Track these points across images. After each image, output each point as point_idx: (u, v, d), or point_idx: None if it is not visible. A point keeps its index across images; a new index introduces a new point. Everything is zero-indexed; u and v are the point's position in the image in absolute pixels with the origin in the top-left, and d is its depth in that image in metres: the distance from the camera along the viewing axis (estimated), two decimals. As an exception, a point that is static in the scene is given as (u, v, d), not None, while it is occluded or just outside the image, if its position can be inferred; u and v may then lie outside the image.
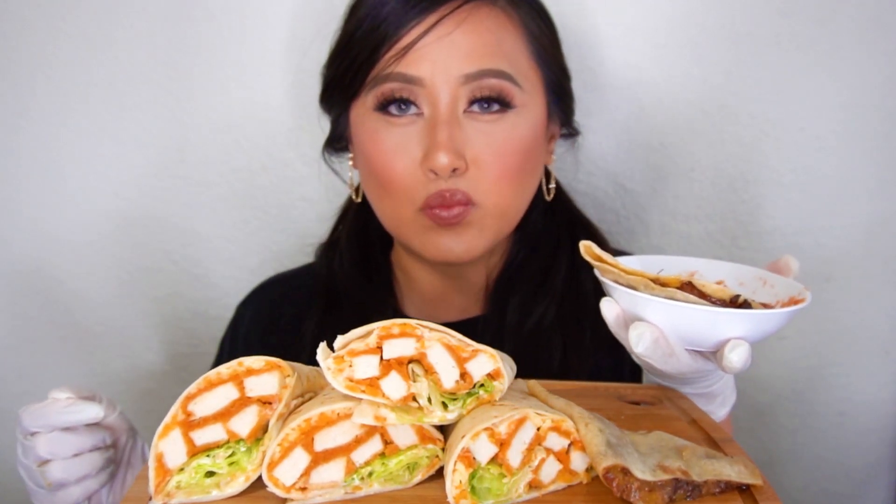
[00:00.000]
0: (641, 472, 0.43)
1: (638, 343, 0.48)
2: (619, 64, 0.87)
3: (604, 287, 0.52)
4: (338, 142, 0.75)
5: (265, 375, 0.44)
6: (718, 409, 0.60)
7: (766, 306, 0.52)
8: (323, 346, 0.44)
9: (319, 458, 0.44)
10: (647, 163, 0.90)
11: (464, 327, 0.74)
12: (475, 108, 0.64)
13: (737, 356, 0.47)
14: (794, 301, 0.51)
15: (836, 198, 0.89)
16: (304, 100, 0.89)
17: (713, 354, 0.50)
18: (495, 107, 0.64)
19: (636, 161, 0.91)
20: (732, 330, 0.47)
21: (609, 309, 0.51)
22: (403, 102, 0.63)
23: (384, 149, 0.64)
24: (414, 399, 0.44)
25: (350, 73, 0.65)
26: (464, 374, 0.45)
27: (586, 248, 0.51)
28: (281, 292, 0.80)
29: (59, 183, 0.92)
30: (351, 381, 0.43)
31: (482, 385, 0.46)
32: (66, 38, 0.87)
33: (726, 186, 0.90)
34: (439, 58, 0.62)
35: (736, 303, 0.49)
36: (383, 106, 0.64)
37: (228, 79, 0.89)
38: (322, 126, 0.92)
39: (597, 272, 0.53)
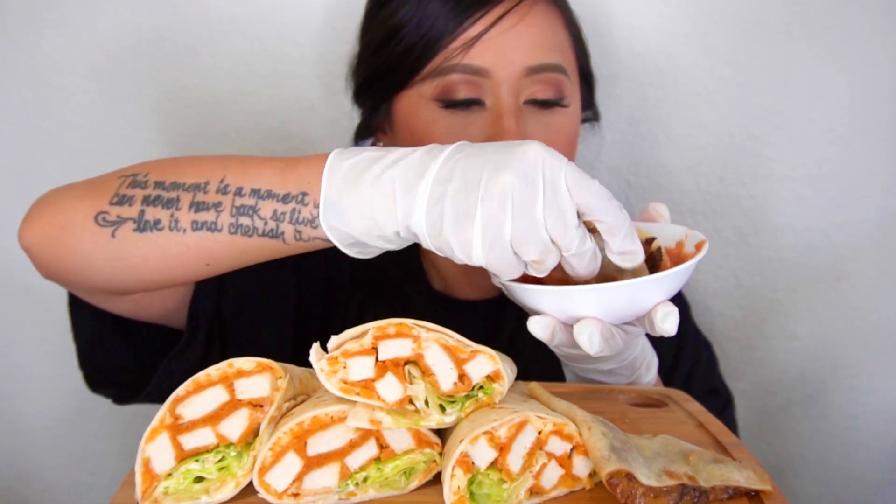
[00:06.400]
0: (646, 477, 0.42)
1: (592, 345, 0.47)
2: (623, 54, 0.86)
3: (519, 294, 0.50)
4: (365, 131, 0.76)
5: (256, 377, 0.43)
6: (645, 375, 0.60)
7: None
8: (316, 346, 0.43)
9: (312, 463, 0.43)
10: (653, 157, 0.89)
11: (486, 306, 0.76)
12: (534, 101, 0.66)
13: (671, 324, 0.47)
14: (681, 245, 0.53)
15: (848, 193, 0.87)
16: (297, 92, 0.88)
17: (639, 321, 0.50)
18: (552, 101, 0.66)
19: (641, 155, 0.89)
20: (655, 295, 0.48)
21: (542, 328, 0.49)
22: (468, 102, 0.65)
23: (444, 136, 0.66)
24: (410, 402, 0.43)
25: (405, 63, 0.66)
26: (462, 376, 0.44)
27: None
28: None
29: (41, 178, 0.90)
30: (345, 383, 0.42)
31: (481, 387, 0.45)
32: (50, 27, 0.86)
33: (735, 181, 0.88)
34: (504, 49, 0.64)
35: (650, 248, 0.51)
36: (445, 95, 0.65)
37: (218, 70, 0.87)
38: (320, 120, 0.90)
39: (507, 284, 0.51)
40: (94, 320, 0.64)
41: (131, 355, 0.66)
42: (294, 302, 0.72)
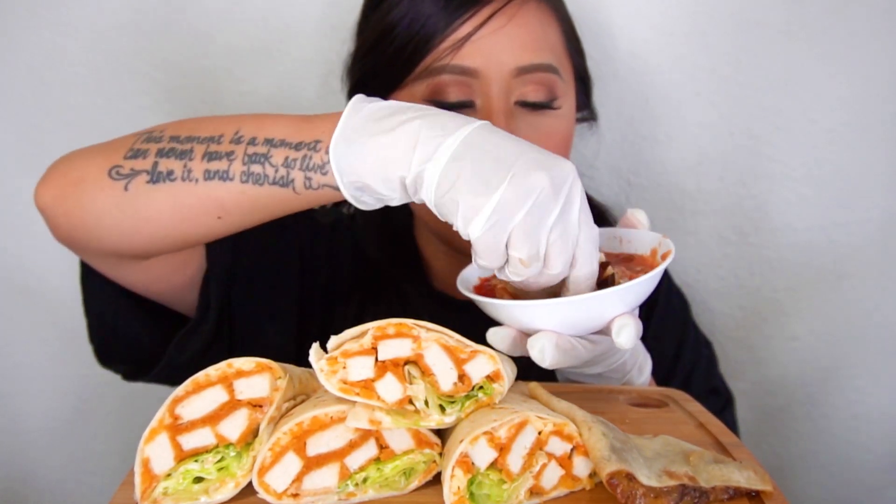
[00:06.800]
0: (647, 477, 0.41)
1: (544, 358, 0.48)
2: (623, 53, 0.85)
3: (482, 307, 0.51)
4: None
5: (255, 377, 0.43)
6: (637, 378, 0.60)
7: (628, 258, 0.54)
8: (315, 346, 0.43)
9: (312, 464, 0.43)
10: (653, 156, 0.89)
11: None
12: (524, 102, 0.66)
13: (625, 338, 0.48)
14: (655, 253, 0.54)
15: (849, 193, 0.87)
16: (296, 92, 0.88)
17: (607, 331, 0.51)
18: (544, 102, 0.66)
19: (641, 154, 0.89)
20: (615, 308, 0.48)
21: (500, 339, 0.50)
22: (458, 105, 0.65)
23: None
24: (410, 402, 0.43)
25: (396, 64, 0.66)
26: (462, 376, 0.44)
27: None
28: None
29: (39, 177, 0.90)
30: (345, 383, 0.42)
31: (481, 387, 0.45)
32: (46, 26, 0.86)
33: (735, 181, 0.88)
34: (493, 50, 0.64)
35: (604, 273, 0.51)
36: (436, 96, 0.65)
37: (217, 69, 0.87)
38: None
39: (472, 297, 0.52)
40: (106, 292, 0.64)
41: (143, 329, 0.66)
42: (297, 297, 0.72)
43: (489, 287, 0.56)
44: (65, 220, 0.54)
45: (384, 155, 0.47)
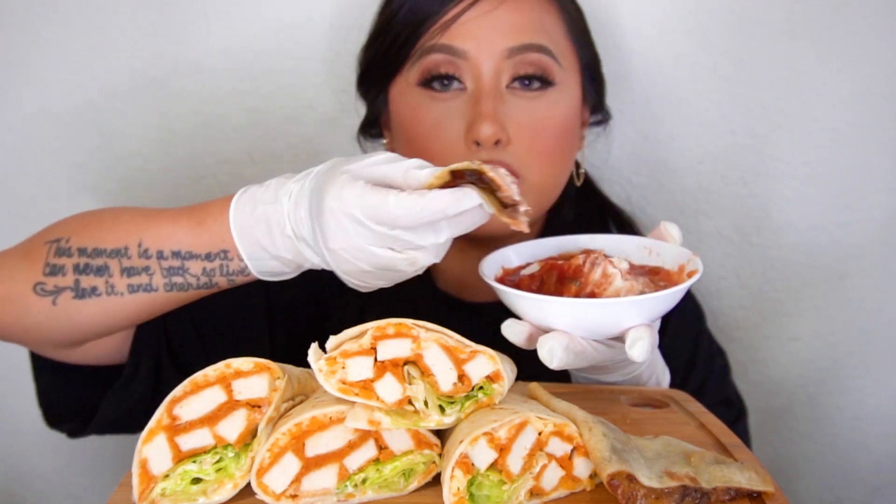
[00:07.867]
0: (648, 478, 0.41)
1: (552, 359, 0.48)
2: (624, 52, 0.85)
3: (501, 295, 0.51)
4: (372, 127, 0.76)
5: (254, 378, 0.43)
6: None
7: (654, 271, 0.54)
8: (314, 346, 0.43)
9: (311, 464, 0.43)
10: (654, 155, 0.88)
11: (492, 308, 0.74)
12: (517, 84, 0.66)
13: (637, 351, 0.47)
14: (682, 269, 0.53)
15: (851, 192, 0.87)
16: (294, 89, 0.87)
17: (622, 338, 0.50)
18: (537, 84, 0.66)
19: (642, 153, 0.89)
20: (630, 317, 0.48)
21: (514, 333, 0.50)
22: (447, 78, 0.65)
23: (427, 123, 0.66)
24: (410, 402, 0.43)
25: (393, 48, 0.67)
26: (462, 377, 0.44)
27: None
28: None
29: (35, 177, 0.90)
30: (344, 383, 0.42)
31: (481, 388, 0.45)
32: (44, 24, 0.86)
33: (736, 180, 0.88)
34: (483, 32, 0.64)
35: (485, 173, 0.45)
36: (427, 80, 0.66)
37: (215, 66, 0.87)
38: (318, 118, 0.90)
39: (491, 284, 0.52)
40: (54, 367, 0.64)
41: (91, 391, 0.66)
42: (264, 318, 0.72)
43: (511, 280, 0.56)
44: (1, 330, 0.57)
45: (295, 257, 0.51)
